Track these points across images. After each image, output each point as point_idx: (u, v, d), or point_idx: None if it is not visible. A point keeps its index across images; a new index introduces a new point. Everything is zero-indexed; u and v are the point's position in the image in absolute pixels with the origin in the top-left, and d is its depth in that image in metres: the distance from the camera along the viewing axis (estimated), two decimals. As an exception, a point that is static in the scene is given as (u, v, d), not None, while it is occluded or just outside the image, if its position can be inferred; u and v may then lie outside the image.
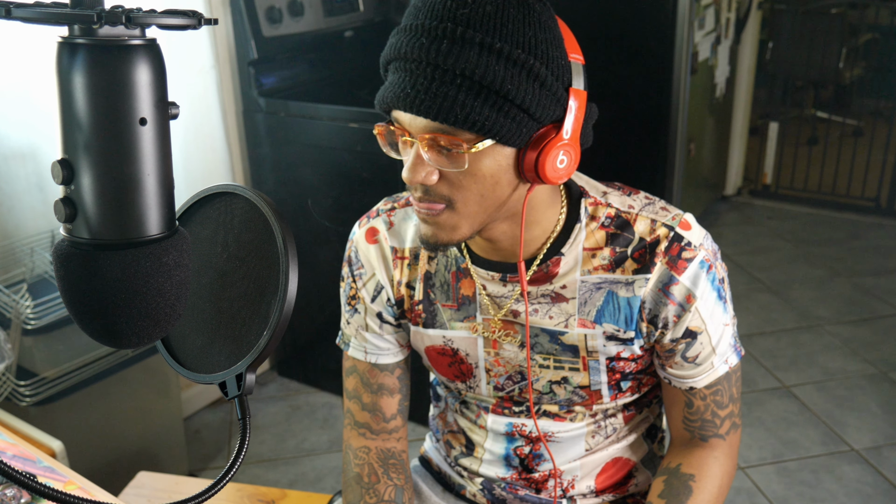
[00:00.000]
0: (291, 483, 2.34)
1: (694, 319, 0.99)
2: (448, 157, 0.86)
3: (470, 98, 0.82)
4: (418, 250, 1.09)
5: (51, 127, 1.20)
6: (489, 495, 1.19)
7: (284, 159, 2.54)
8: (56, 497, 0.49)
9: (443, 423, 1.25)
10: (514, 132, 0.85)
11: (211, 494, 0.53)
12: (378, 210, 1.13)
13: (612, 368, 1.04)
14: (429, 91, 0.82)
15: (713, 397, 1.05)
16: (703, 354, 1.02)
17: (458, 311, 1.07)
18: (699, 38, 3.45)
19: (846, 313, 3.21)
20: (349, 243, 1.14)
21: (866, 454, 2.38)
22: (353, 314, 1.14)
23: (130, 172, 0.47)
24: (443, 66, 0.81)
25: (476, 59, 0.81)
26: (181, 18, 0.46)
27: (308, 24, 2.53)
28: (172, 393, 2.21)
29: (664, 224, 0.98)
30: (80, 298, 0.48)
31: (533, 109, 0.84)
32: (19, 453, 1.20)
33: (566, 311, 1.01)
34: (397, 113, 0.88)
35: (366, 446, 1.16)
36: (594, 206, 1.01)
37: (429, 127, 0.85)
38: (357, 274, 1.12)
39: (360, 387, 1.16)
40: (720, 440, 1.07)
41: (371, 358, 1.15)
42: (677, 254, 0.97)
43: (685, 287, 0.97)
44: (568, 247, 1.00)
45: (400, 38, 0.85)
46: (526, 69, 0.82)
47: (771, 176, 4.47)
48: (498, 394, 1.11)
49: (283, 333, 0.55)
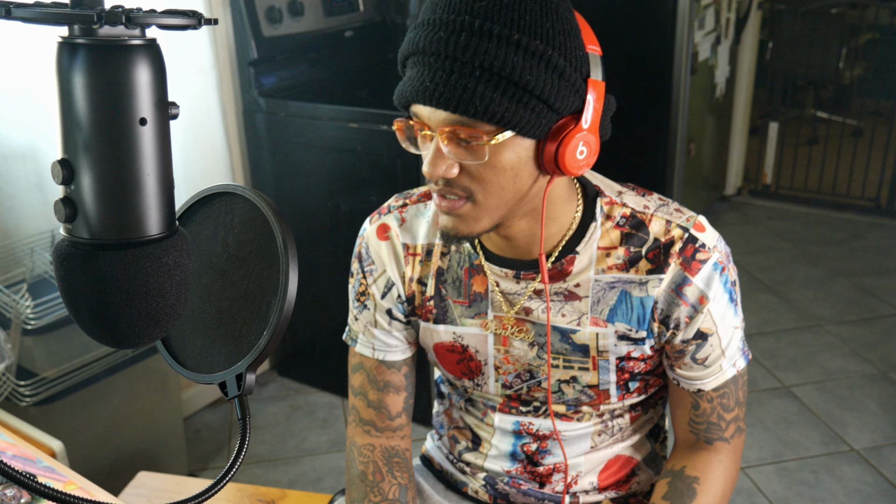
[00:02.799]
0: (291, 483, 2.34)
1: (706, 321, 0.99)
2: (468, 150, 0.86)
3: (489, 90, 0.82)
4: (431, 247, 1.09)
5: (51, 127, 1.20)
6: (492, 490, 1.19)
7: (284, 159, 2.54)
8: (56, 497, 0.49)
9: (448, 420, 1.25)
10: (534, 123, 0.85)
11: (211, 494, 0.53)
12: (389, 206, 1.13)
13: (622, 368, 1.04)
14: (448, 84, 0.82)
15: (720, 400, 1.05)
16: (712, 356, 1.02)
17: (469, 308, 1.07)
18: (699, 38, 3.45)
19: (846, 313, 3.21)
20: (359, 239, 1.14)
21: (866, 454, 2.38)
22: (361, 310, 1.14)
23: (130, 172, 0.47)
24: (461, 58, 0.82)
25: (495, 51, 0.81)
26: (181, 18, 0.46)
27: (308, 24, 2.53)
28: (172, 393, 2.21)
29: (679, 225, 0.99)
30: (80, 298, 0.48)
31: (552, 100, 0.84)
32: (19, 453, 1.20)
33: (579, 309, 1.01)
34: (417, 107, 0.88)
35: (370, 444, 1.16)
36: (610, 205, 1.01)
37: (448, 119, 0.85)
38: (367, 270, 1.12)
39: (367, 383, 1.16)
40: (725, 443, 1.07)
41: (379, 355, 1.15)
42: (691, 255, 0.97)
43: (698, 288, 0.98)
44: (583, 245, 1.00)
45: (418, 32, 0.85)
46: (544, 60, 0.83)
47: (771, 176, 4.47)
48: (506, 392, 1.11)
49: (283, 333, 0.55)
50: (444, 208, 0.92)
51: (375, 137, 2.26)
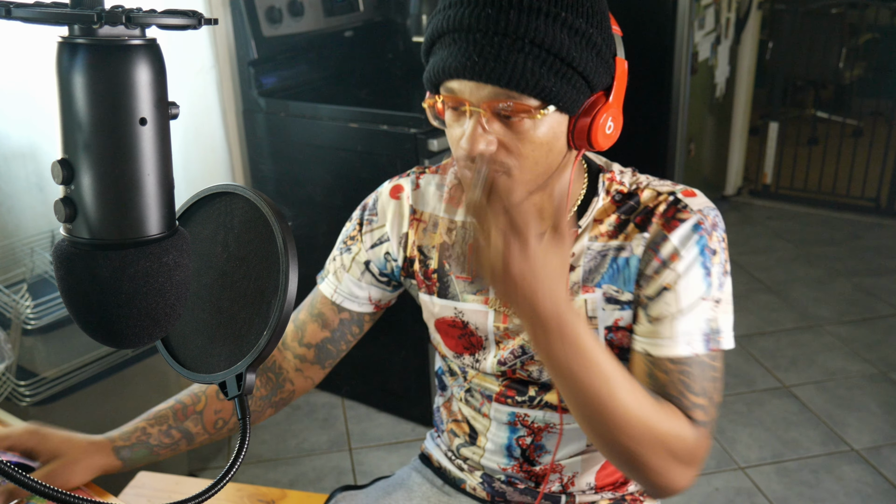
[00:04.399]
0: (291, 483, 2.34)
1: (669, 276, 0.96)
2: (510, 125, 0.88)
3: (537, 65, 0.84)
4: (437, 218, 1.11)
5: (51, 126, 1.20)
6: (489, 488, 1.19)
7: (284, 159, 2.54)
8: (56, 497, 0.49)
9: (447, 413, 1.25)
10: (574, 99, 0.88)
11: (211, 494, 0.53)
12: (410, 172, 1.16)
13: (610, 341, 1.03)
14: (498, 58, 0.84)
15: (679, 375, 0.95)
16: (665, 314, 0.96)
17: (471, 284, 1.08)
18: (699, 38, 3.45)
19: (846, 313, 3.21)
20: (373, 193, 1.16)
21: (866, 454, 2.38)
22: (342, 252, 1.17)
23: (130, 172, 0.47)
24: (513, 34, 0.84)
25: (544, 28, 0.84)
26: (181, 18, 0.46)
27: (308, 24, 2.53)
28: (172, 393, 2.20)
29: (668, 192, 1.00)
30: (80, 298, 0.48)
31: (590, 76, 0.87)
32: (19, 453, 1.20)
33: (572, 279, 1.03)
34: (456, 83, 0.88)
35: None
36: (610, 181, 1.04)
37: (495, 94, 0.86)
38: (367, 219, 1.15)
39: (305, 306, 1.18)
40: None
41: (337, 298, 1.16)
42: (672, 214, 0.98)
43: (672, 245, 0.96)
44: (585, 219, 1.02)
45: (457, 10, 0.86)
46: (586, 38, 0.86)
47: (771, 176, 4.46)
48: (501, 368, 1.11)
49: (282, 333, 0.55)
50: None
51: (375, 137, 2.26)
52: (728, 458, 2.39)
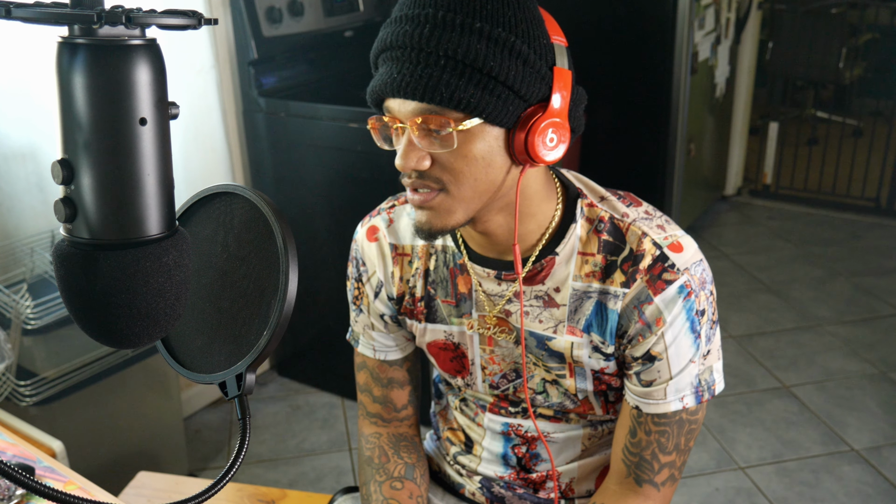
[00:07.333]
0: (291, 483, 2.34)
1: (657, 345, 0.96)
2: (438, 140, 0.87)
3: (454, 77, 0.83)
4: (418, 247, 1.10)
5: (51, 126, 1.20)
6: (488, 493, 1.19)
7: (284, 159, 2.54)
8: (56, 497, 0.49)
9: (443, 420, 1.25)
10: (501, 110, 0.86)
11: (211, 494, 0.53)
12: (379, 209, 1.14)
13: (598, 378, 1.04)
14: (414, 74, 0.84)
15: (658, 436, 1.00)
16: (657, 381, 0.99)
17: (456, 308, 1.08)
18: (699, 38, 3.45)
19: (846, 313, 3.21)
20: (353, 243, 1.15)
21: (866, 454, 2.38)
22: (359, 313, 1.16)
23: (130, 172, 0.47)
24: (426, 49, 0.84)
25: (458, 40, 0.83)
26: (181, 18, 0.46)
27: (308, 24, 2.53)
28: (172, 393, 2.21)
29: (654, 241, 0.96)
30: (80, 298, 0.48)
31: (517, 86, 0.85)
32: (19, 453, 1.20)
33: (556, 317, 1.01)
34: (388, 102, 0.89)
35: (377, 432, 1.20)
36: (590, 207, 1.00)
37: (417, 109, 0.86)
38: (361, 272, 1.14)
39: (371, 381, 1.19)
40: (654, 490, 1.02)
41: (380, 355, 1.17)
42: (658, 274, 0.95)
43: (657, 308, 0.95)
44: (562, 246, 0.99)
45: (387, 30, 0.87)
46: (507, 46, 0.84)
47: (771, 176, 4.46)
48: (493, 392, 1.11)
49: (283, 333, 0.55)
50: (416, 202, 0.92)
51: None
52: (728, 458, 2.39)
